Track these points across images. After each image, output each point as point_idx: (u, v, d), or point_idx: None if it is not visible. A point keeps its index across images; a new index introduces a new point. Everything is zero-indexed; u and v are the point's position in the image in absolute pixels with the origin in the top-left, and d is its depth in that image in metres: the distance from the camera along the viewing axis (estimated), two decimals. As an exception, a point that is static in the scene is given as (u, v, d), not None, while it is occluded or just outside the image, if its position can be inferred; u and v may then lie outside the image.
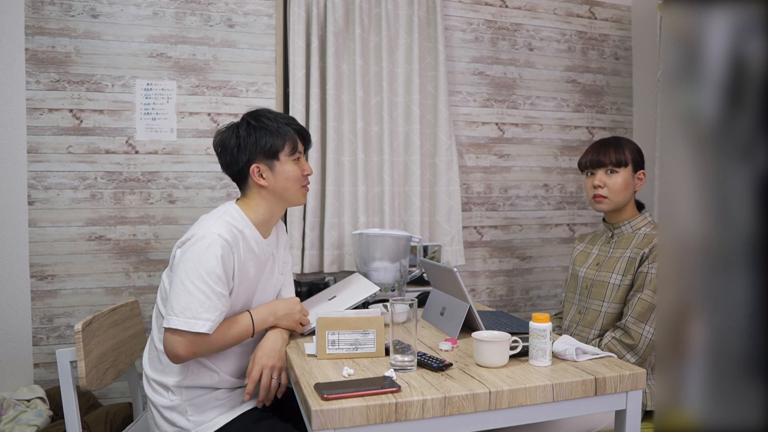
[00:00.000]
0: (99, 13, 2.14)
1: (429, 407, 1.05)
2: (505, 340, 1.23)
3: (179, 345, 1.27)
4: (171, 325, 1.27)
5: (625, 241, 1.68)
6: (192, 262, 1.29)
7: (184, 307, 1.27)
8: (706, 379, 0.70)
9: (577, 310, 1.75)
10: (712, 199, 0.70)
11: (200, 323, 1.27)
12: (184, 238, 1.36)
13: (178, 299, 1.28)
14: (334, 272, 2.33)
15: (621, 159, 1.67)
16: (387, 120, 2.35)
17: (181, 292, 1.28)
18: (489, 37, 2.62)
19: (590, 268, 1.74)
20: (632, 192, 1.70)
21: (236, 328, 1.37)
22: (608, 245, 1.74)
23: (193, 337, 1.28)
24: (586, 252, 1.82)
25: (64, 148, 2.12)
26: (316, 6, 2.28)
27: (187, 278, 1.28)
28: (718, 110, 0.70)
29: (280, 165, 1.44)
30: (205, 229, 1.34)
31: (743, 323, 0.67)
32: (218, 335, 1.32)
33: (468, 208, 2.61)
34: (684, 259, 0.74)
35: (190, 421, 1.35)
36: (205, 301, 1.28)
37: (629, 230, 1.69)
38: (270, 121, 1.44)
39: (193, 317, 1.27)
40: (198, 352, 1.31)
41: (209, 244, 1.30)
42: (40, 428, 1.80)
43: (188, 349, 1.28)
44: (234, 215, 1.41)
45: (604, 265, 1.69)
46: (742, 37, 0.68)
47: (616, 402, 1.19)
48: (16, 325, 2.07)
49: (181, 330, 1.27)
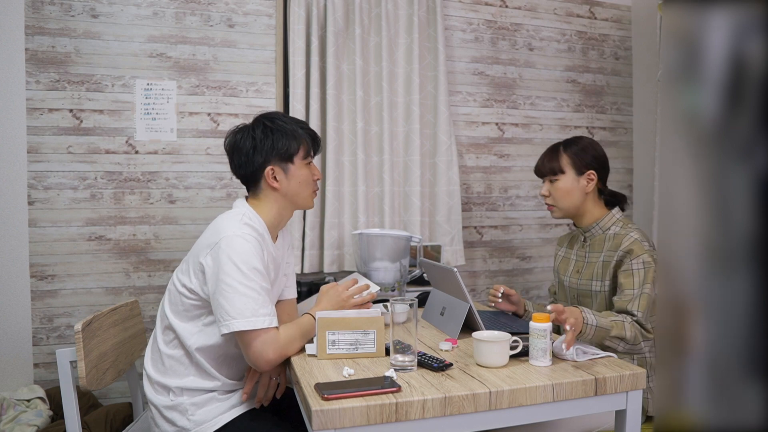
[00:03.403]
0: (99, 13, 2.14)
1: (429, 407, 1.05)
2: (505, 340, 1.23)
3: (263, 348, 1.27)
4: (233, 328, 1.25)
5: (598, 244, 1.66)
6: (231, 264, 1.27)
7: (240, 309, 1.25)
8: (706, 379, 0.70)
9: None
10: (712, 199, 0.70)
11: (261, 320, 1.26)
12: (211, 242, 1.33)
13: (231, 302, 1.26)
14: (334, 272, 2.33)
15: (555, 167, 1.66)
16: (387, 120, 2.35)
17: (232, 294, 1.26)
18: (489, 37, 2.62)
19: (572, 276, 1.73)
20: (581, 195, 1.66)
21: (302, 327, 1.38)
22: (583, 249, 1.73)
23: (265, 336, 1.27)
24: (567, 258, 1.81)
25: (64, 148, 2.12)
26: (316, 6, 2.28)
27: (234, 280, 1.26)
28: (718, 110, 0.70)
29: (295, 168, 1.44)
30: (233, 229, 1.32)
31: (743, 323, 0.67)
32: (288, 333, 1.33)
33: (468, 208, 2.61)
34: (684, 259, 0.74)
35: (191, 421, 1.34)
36: (258, 298, 1.27)
37: (599, 232, 1.67)
38: (286, 123, 1.44)
39: (252, 315, 1.26)
40: (283, 349, 1.30)
41: (244, 242, 1.30)
42: (40, 428, 1.80)
43: (273, 349, 1.27)
44: (252, 218, 1.40)
45: (583, 273, 1.69)
46: (742, 37, 0.68)
47: (616, 402, 1.19)
48: (16, 325, 2.07)
49: (249, 332, 1.26)
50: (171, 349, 1.38)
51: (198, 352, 1.35)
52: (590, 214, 1.68)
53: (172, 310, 1.39)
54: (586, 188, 1.66)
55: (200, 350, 1.36)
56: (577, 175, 1.66)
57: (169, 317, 1.39)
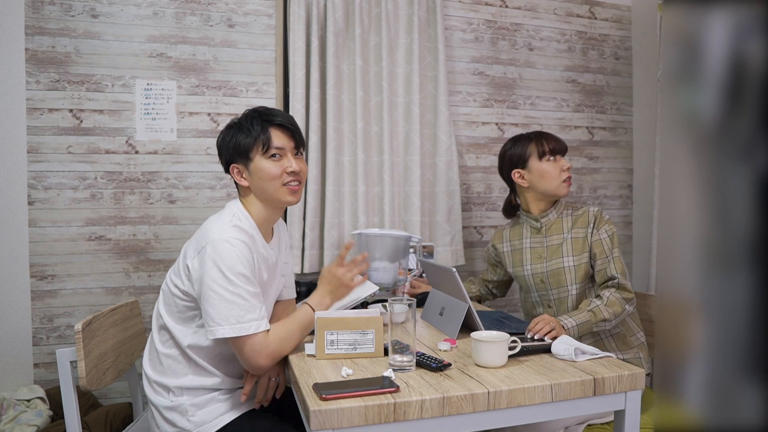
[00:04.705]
0: (99, 13, 2.14)
1: (428, 407, 1.05)
2: (503, 340, 1.23)
3: (252, 354, 1.27)
4: (218, 335, 1.24)
5: (556, 227, 1.80)
6: (216, 270, 1.26)
7: (225, 315, 1.24)
8: (706, 379, 0.70)
9: (546, 305, 1.80)
10: (712, 199, 0.70)
11: (247, 326, 1.25)
12: (198, 245, 1.32)
13: (217, 309, 1.25)
14: (334, 272, 2.32)
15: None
16: (387, 120, 2.35)
17: (217, 300, 1.25)
18: (489, 37, 2.62)
19: (534, 263, 1.81)
20: None
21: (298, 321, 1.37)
22: (540, 235, 1.82)
23: (253, 340, 1.26)
24: (517, 250, 1.88)
25: (64, 148, 2.12)
26: (316, 6, 2.28)
27: (219, 286, 1.25)
28: (718, 110, 0.69)
29: (254, 164, 1.39)
30: (219, 232, 1.30)
31: (743, 323, 0.67)
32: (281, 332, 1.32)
33: (468, 208, 2.61)
34: (684, 259, 0.74)
35: (191, 422, 1.34)
36: (243, 304, 1.26)
37: (555, 216, 1.81)
38: (245, 119, 1.41)
39: (237, 322, 1.25)
40: (274, 353, 1.30)
41: (230, 246, 1.27)
42: (40, 428, 1.80)
43: (262, 355, 1.27)
44: (242, 218, 1.38)
45: (549, 255, 1.77)
46: (742, 37, 0.68)
47: (614, 402, 1.19)
48: (16, 325, 2.07)
49: (237, 338, 1.25)
50: (168, 349, 1.38)
51: (193, 352, 1.35)
52: (545, 201, 1.82)
53: (166, 311, 1.39)
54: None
55: (195, 350, 1.36)
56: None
57: (164, 317, 1.38)
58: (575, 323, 1.54)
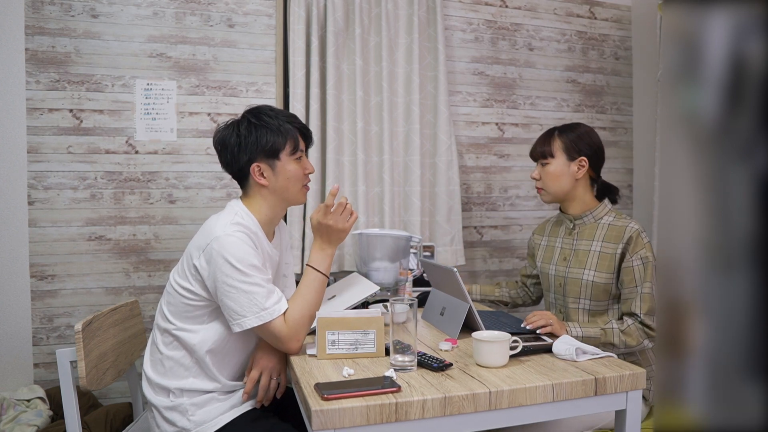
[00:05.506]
0: (99, 13, 2.14)
1: (429, 407, 1.05)
2: (505, 340, 1.23)
3: (278, 340, 1.31)
4: (246, 326, 1.28)
5: (588, 232, 1.67)
6: (228, 264, 1.27)
7: (247, 306, 1.27)
8: (706, 379, 0.70)
9: (558, 309, 1.75)
10: (712, 199, 0.70)
11: (270, 311, 1.29)
12: (202, 244, 1.32)
13: (237, 302, 1.28)
14: (334, 272, 2.33)
15: (545, 151, 1.69)
16: (387, 120, 2.35)
17: (236, 294, 1.27)
18: (489, 37, 2.62)
19: (559, 264, 1.72)
20: (570, 181, 1.67)
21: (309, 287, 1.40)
22: (570, 237, 1.72)
23: (276, 325, 1.30)
24: (550, 246, 1.80)
25: (64, 148, 2.12)
26: (316, 6, 2.28)
27: (234, 280, 1.27)
28: (718, 110, 0.70)
29: (281, 164, 1.41)
30: (222, 228, 1.31)
31: (743, 323, 0.67)
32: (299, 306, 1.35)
33: (468, 208, 2.61)
34: (684, 259, 0.74)
35: (191, 422, 1.34)
36: (262, 292, 1.29)
37: (591, 220, 1.68)
38: (271, 118, 1.41)
39: (261, 310, 1.28)
40: (299, 332, 1.33)
41: (235, 240, 1.30)
42: (40, 428, 1.80)
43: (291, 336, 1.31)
44: (244, 217, 1.39)
45: (572, 261, 1.68)
46: (742, 37, 0.68)
47: (616, 402, 1.19)
48: (16, 325, 2.07)
49: (262, 325, 1.28)
50: (171, 351, 1.38)
51: (202, 350, 1.35)
52: (580, 201, 1.70)
53: (171, 312, 1.39)
54: (576, 174, 1.67)
55: (204, 347, 1.36)
56: (568, 161, 1.67)
57: (169, 318, 1.38)
58: (581, 334, 1.49)
